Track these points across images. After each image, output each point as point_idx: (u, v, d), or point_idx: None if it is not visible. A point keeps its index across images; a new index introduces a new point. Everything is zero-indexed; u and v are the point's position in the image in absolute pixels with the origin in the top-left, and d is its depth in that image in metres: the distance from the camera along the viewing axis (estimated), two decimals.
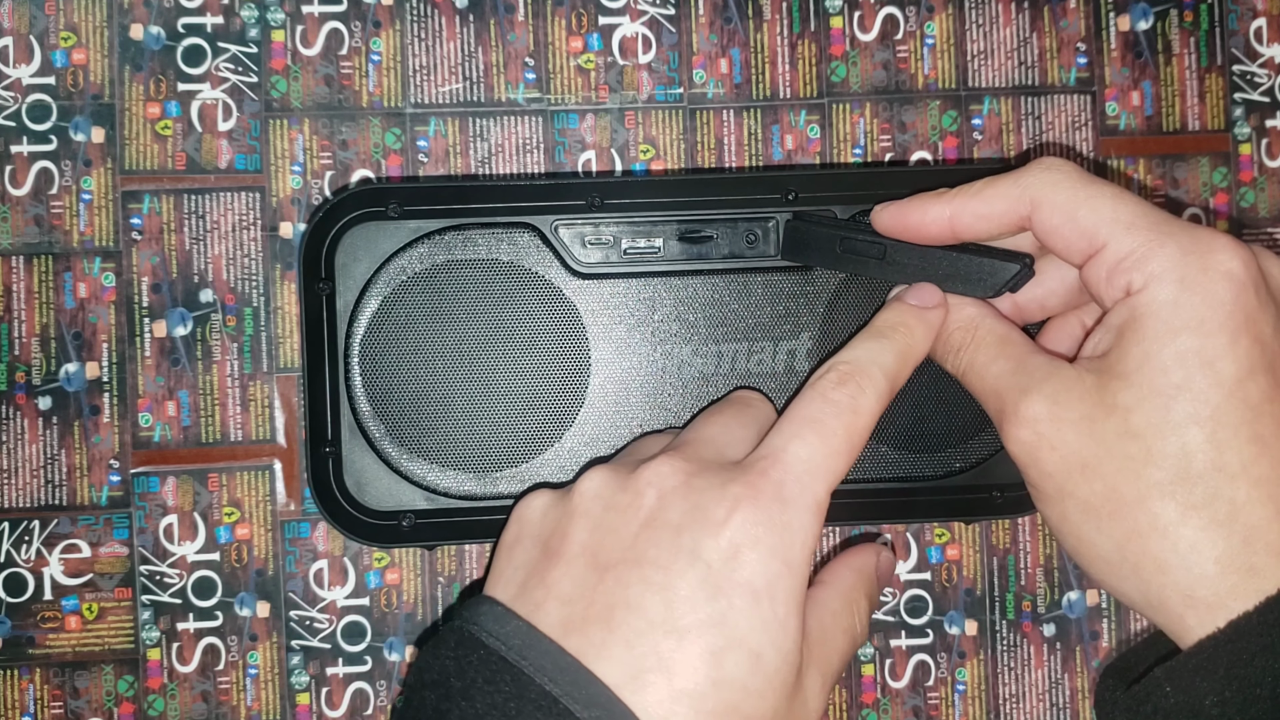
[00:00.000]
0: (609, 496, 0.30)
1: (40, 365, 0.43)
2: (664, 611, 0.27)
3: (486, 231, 0.39)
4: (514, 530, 0.32)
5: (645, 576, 0.28)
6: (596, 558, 0.29)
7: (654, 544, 0.28)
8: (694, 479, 0.29)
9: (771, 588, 0.28)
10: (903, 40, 0.45)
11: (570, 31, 0.45)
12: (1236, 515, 0.27)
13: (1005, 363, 0.32)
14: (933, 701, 0.45)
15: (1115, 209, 0.30)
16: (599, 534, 0.29)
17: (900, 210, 0.34)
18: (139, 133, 0.44)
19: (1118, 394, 0.29)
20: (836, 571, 0.33)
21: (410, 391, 0.38)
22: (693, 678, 0.27)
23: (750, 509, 0.28)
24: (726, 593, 0.28)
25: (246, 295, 0.44)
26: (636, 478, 0.30)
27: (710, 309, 0.39)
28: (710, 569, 0.28)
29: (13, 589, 0.43)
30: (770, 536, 0.28)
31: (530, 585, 0.29)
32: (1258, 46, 0.46)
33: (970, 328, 0.33)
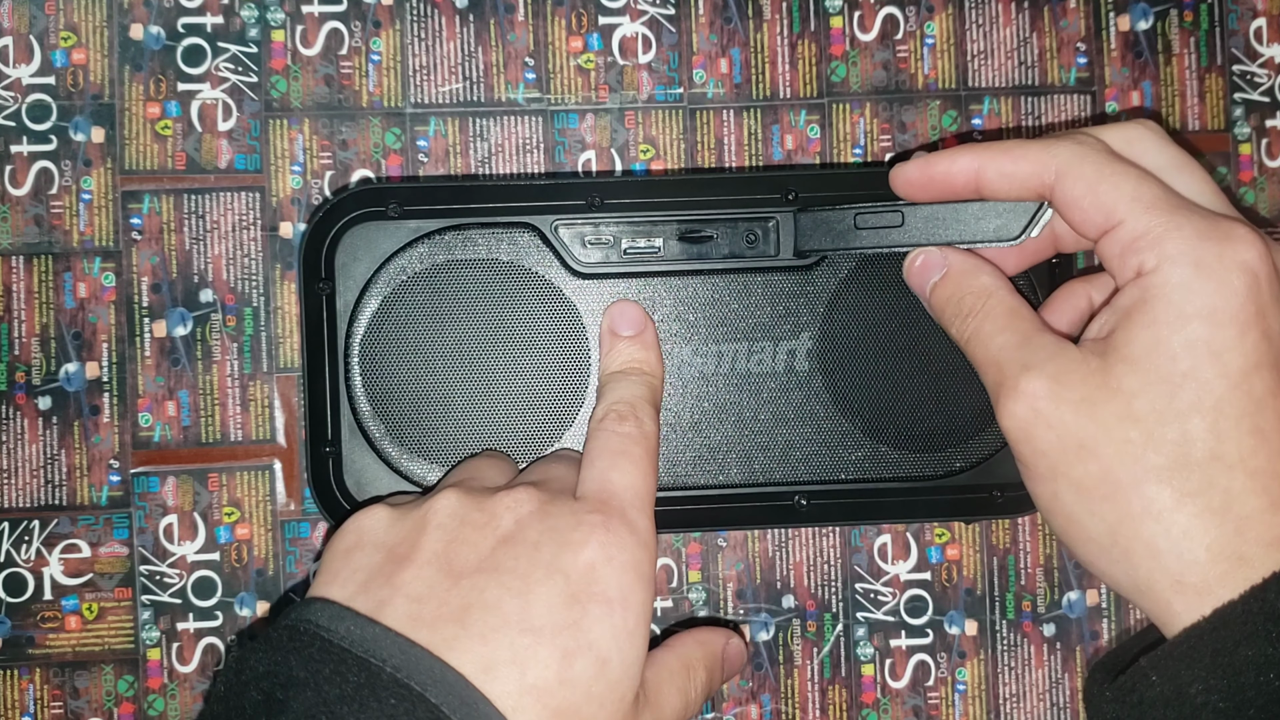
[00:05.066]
0: (465, 514, 0.31)
1: (40, 365, 0.43)
2: (521, 613, 0.28)
3: (486, 231, 0.39)
4: (351, 538, 0.31)
5: (503, 582, 0.29)
6: (450, 565, 0.29)
7: (513, 556, 0.30)
8: (548, 506, 0.31)
9: (625, 599, 0.29)
10: (903, 40, 0.45)
11: (570, 31, 0.45)
12: (1231, 505, 0.28)
13: (1011, 335, 0.32)
14: (933, 701, 0.45)
15: (1137, 188, 0.30)
16: (454, 545, 0.30)
17: (926, 162, 0.34)
18: (139, 133, 0.44)
19: (1123, 378, 0.29)
20: (681, 638, 0.35)
21: (410, 391, 0.38)
22: (543, 674, 0.28)
23: (604, 532, 0.30)
24: (583, 602, 0.29)
25: (246, 295, 0.44)
26: (494, 501, 0.31)
27: (710, 309, 0.39)
28: (569, 580, 0.29)
29: (13, 589, 0.43)
30: (624, 554, 0.30)
31: (373, 585, 0.29)
32: (1258, 46, 0.46)
33: (983, 295, 0.33)
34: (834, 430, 0.39)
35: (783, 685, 0.44)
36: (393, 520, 0.31)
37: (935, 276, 0.35)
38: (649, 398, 0.36)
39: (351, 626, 0.27)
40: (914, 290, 0.36)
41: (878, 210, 0.36)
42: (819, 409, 0.39)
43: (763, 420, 0.39)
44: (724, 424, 0.39)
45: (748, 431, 0.39)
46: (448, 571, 0.29)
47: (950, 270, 0.34)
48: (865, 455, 0.39)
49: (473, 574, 0.29)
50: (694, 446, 0.39)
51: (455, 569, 0.29)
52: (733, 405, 0.39)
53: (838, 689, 0.45)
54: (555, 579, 0.29)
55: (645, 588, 0.30)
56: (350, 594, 0.29)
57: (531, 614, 0.28)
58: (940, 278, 0.34)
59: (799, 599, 0.44)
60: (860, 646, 0.45)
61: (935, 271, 0.35)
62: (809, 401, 0.39)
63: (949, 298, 0.34)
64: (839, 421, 0.39)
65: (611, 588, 0.29)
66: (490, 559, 0.30)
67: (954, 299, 0.34)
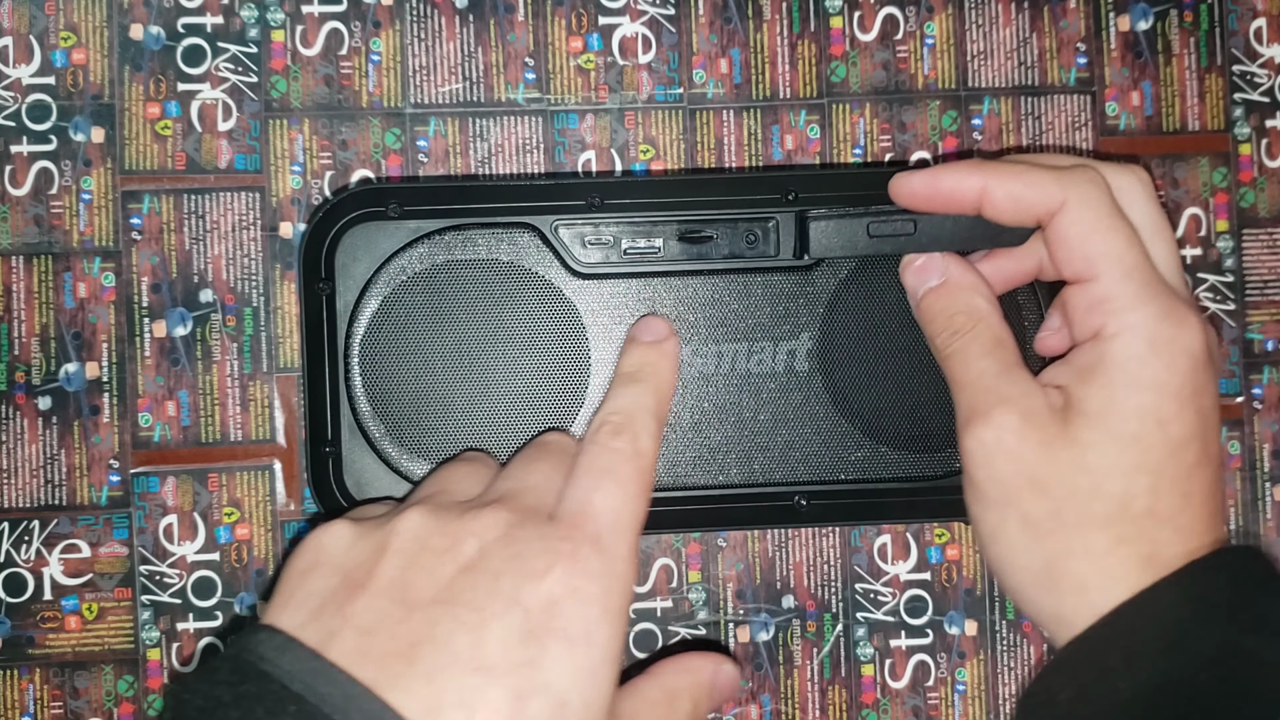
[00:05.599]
0: (427, 538, 0.29)
1: (40, 365, 0.43)
2: (472, 650, 0.27)
3: (486, 231, 0.39)
4: (309, 557, 0.30)
5: (457, 616, 0.27)
6: (405, 594, 0.28)
7: (470, 587, 0.28)
8: (517, 530, 0.29)
9: (589, 635, 0.28)
10: (903, 40, 0.45)
11: (570, 31, 0.45)
12: (1157, 554, 0.31)
13: (993, 363, 0.33)
14: (933, 701, 0.45)
15: (1123, 252, 0.32)
16: (412, 572, 0.29)
17: (933, 176, 0.34)
18: (139, 133, 0.44)
19: (1080, 430, 0.32)
20: (666, 666, 0.33)
21: (410, 391, 0.38)
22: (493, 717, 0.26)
23: (570, 561, 0.29)
24: (541, 638, 0.27)
25: (246, 295, 0.44)
26: (460, 525, 0.30)
27: (710, 309, 0.39)
28: (528, 614, 0.28)
29: (13, 589, 0.43)
30: (590, 586, 0.29)
31: (324, 613, 0.28)
32: (1258, 46, 0.46)
33: (975, 316, 0.34)
34: (834, 430, 0.39)
35: (783, 685, 0.44)
36: (353, 540, 0.30)
37: (932, 282, 0.35)
38: (652, 409, 0.34)
39: (294, 660, 0.26)
40: (906, 288, 0.36)
41: (891, 219, 0.36)
42: (819, 409, 0.39)
43: (762, 420, 0.39)
44: (724, 424, 0.39)
45: (748, 432, 0.39)
46: (402, 601, 0.28)
47: (948, 281, 0.35)
48: (865, 455, 0.39)
49: (427, 606, 0.28)
50: (694, 446, 0.39)
51: (410, 599, 0.28)
52: (733, 405, 0.39)
53: (838, 689, 0.45)
54: (513, 613, 0.28)
55: (612, 622, 0.29)
56: (301, 621, 0.28)
57: (484, 652, 0.27)
58: (936, 285, 0.35)
59: (799, 599, 0.44)
60: (860, 647, 0.45)
61: (933, 277, 0.35)
62: (809, 402, 0.39)
63: (942, 309, 0.35)
64: (839, 422, 0.39)
65: (574, 623, 0.28)
66: (448, 589, 0.28)
67: (946, 312, 0.35)
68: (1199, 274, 0.46)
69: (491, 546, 0.29)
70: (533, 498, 0.31)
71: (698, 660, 0.34)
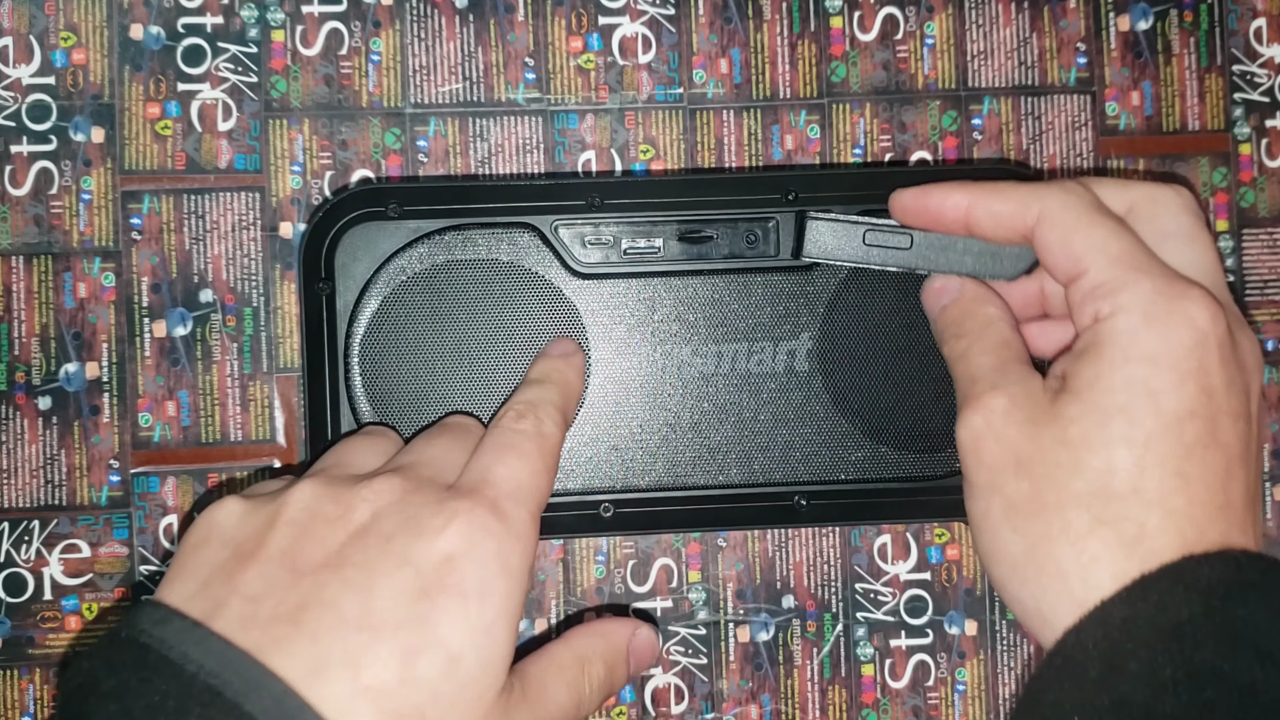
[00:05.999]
0: (318, 507, 0.29)
1: (40, 365, 0.43)
2: (360, 610, 0.27)
3: (486, 231, 0.39)
4: (201, 532, 0.30)
5: (345, 577, 0.28)
6: (295, 561, 0.28)
7: (362, 549, 0.28)
8: (411, 495, 0.30)
9: (483, 591, 0.28)
10: (903, 40, 0.45)
11: (570, 31, 0.45)
12: (1142, 539, 0.28)
13: (992, 359, 0.33)
14: (933, 701, 0.45)
15: (1107, 240, 0.31)
16: (302, 540, 0.29)
17: (922, 193, 0.35)
18: (139, 133, 0.44)
19: (1065, 406, 0.30)
20: (578, 630, 0.33)
21: (410, 391, 0.38)
22: (381, 674, 0.26)
23: (466, 520, 0.29)
24: (432, 595, 0.28)
25: (246, 295, 0.44)
26: (353, 492, 0.30)
27: (710, 309, 0.39)
28: (419, 572, 0.28)
29: (13, 589, 0.43)
30: (488, 542, 0.29)
31: (213, 584, 0.28)
32: (1258, 46, 0.46)
33: (984, 322, 0.34)
34: (834, 430, 0.39)
35: (783, 685, 0.44)
36: (245, 514, 0.30)
37: (947, 300, 0.36)
38: (556, 402, 0.34)
39: (175, 631, 0.26)
40: (926, 311, 0.37)
41: (888, 230, 0.37)
42: (819, 409, 0.39)
43: (762, 420, 0.39)
44: (724, 424, 0.39)
45: (748, 432, 0.39)
46: (291, 569, 0.28)
47: (962, 296, 0.35)
48: (865, 455, 0.39)
49: (316, 570, 0.28)
50: (694, 446, 0.39)
51: (299, 566, 0.28)
52: (733, 405, 0.39)
53: (838, 689, 0.45)
54: (404, 571, 0.28)
55: (510, 579, 0.29)
56: (189, 594, 0.28)
57: (372, 610, 0.27)
58: (951, 301, 0.36)
59: (799, 599, 0.44)
60: (860, 646, 0.45)
61: (949, 295, 0.36)
62: (809, 402, 0.39)
63: (953, 319, 0.35)
64: (839, 422, 0.39)
65: (468, 579, 0.28)
66: (338, 554, 0.28)
67: (957, 320, 0.35)
68: None
69: (385, 510, 0.29)
70: (431, 469, 0.32)
71: (612, 624, 0.33)
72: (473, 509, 0.29)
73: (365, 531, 0.29)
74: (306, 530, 0.29)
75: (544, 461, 0.32)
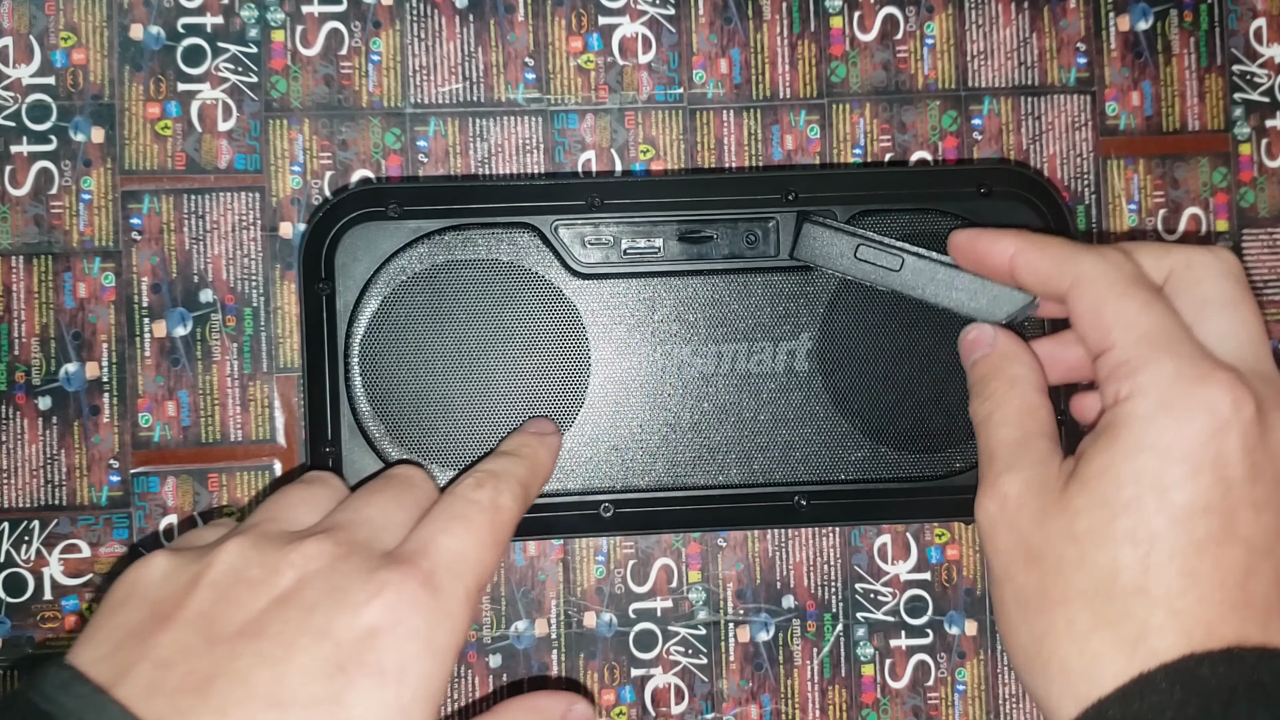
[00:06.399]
0: (243, 569, 0.28)
1: (40, 365, 0.43)
2: (271, 684, 0.26)
3: (486, 231, 0.39)
4: (124, 590, 0.29)
5: (261, 650, 0.26)
6: (212, 627, 0.27)
7: (280, 620, 0.27)
8: (340, 563, 0.29)
9: (403, 671, 0.27)
10: (903, 40, 0.45)
11: (570, 31, 0.45)
12: (1144, 639, 0.27)
13: (1013, 431, 0.32)
14: (933, 701, 0.45)
15: (1137, 316, 0.30)
16: (221, 605, 0.28)
17: (975, 235, 0.35)
18: (139, 133, 0.44)
19: (1074, 496, 0.29)
20: (511, 705, 0.32)
21: (410, 391, 0.38)
22: None
23: (395, 593, 0.28)
24: (349, 671, 0.26)
25: (246, 295, 0.44)
26: (280, 554, 0.29)
27: (710, 309, 0.39)
28: (338, 647, 0.27)
29: (13, 589, 0.43)
30: (414, 619, 0.28)
31: (125, 647, 0.27)
32: (1258, 46, 0.46)
33: (1010, 383, 0.33)
34: (834, 431, 0.39)
35: (783, 685, 0.44)
36: (169, 572, 0.29)
37: (979, 353, 0.35)
38: (520, 477, 0.33)
39: (74, 696, 0.25)
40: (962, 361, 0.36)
41: (881, 248, 0.37)
42: (819, 409, 0.39)
43: (762, 421, 0.39)
44: (724, 424, 0.39)
45: (748, 432, 0.39)
46: (206, 635, 0.27)
47: (994, 351, 0.35)
48: (865, 455, 0.40)
49: (231, 639, 0.27)
50: (694, 446, 0.39)
51: (215, 632, 0.27)
52: (733, 405, 0.39)
53: (838, 689, 0.45)
54: (322, 645, 0.27)
55: (433, 660, 0.27)
56: (100, 655, 0.27)
57: (284, 686, 0.26)
58: (982, 355, 0.35)
59: (799, 599, 0.44)
60: (860, 646, 0.45)
61: (982, 348, 0.35)
62: (809, 402, 0.39)
63: (983, 376, 0.34)
64: (839, 422, 0.39)
65: (388, 657, 0.27)
66: (257, 622, 0.27)
67: (986, 378, 0.34)
68: None
69: (311, 578, 0.28)
70: (365, 531, 0.30)
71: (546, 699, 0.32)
72: (403, 581, 0.28)
73: (287, 599, 0.28)
74: (228, 594, 0.28)
75: (493, 536, 0.31)
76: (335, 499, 0.33)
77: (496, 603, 0.44)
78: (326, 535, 0.29)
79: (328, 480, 0.34)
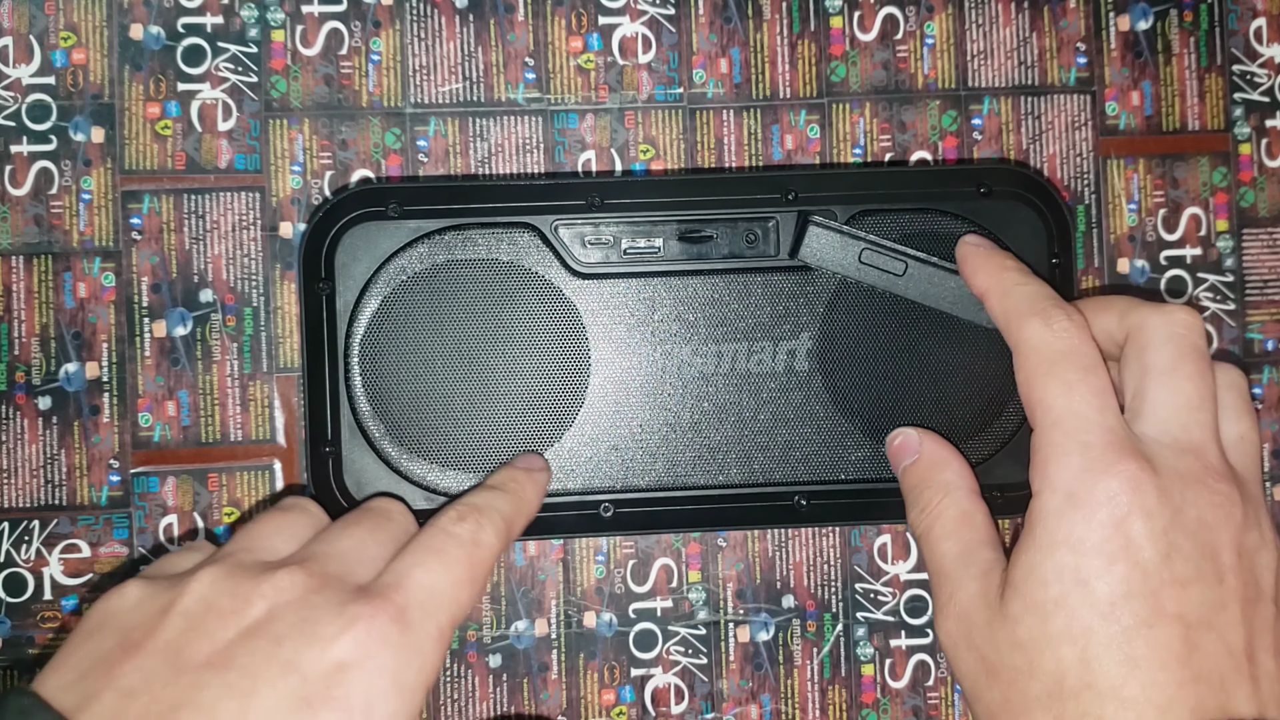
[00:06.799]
0: (214, 599, 0.28)
1: (40, 365, 0.43)
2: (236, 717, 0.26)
3: (486, 231, 0.39)
4: (96, 618, 0.29)
5: (227, 680, 0.26)
6: (179, 657, 0.27)
7: (248, 651, 0.27)
8: (312, 595, 0.28)
9: (369, 707, 0.27)
10: (903, 40, 0.45)
11: (570, 31, 0.45)
12: None
13: (956, 544, 0.33)
14: (933, 701, 0.45)
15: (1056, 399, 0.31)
16: (191, 634, 0.27)
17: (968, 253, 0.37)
18: (139, 133, 0.44)
19: (1010, 602, 0.30)
20: None
21: (410, 391, 0.38)
22: None
23: (365, 628, 0.27)
24: (314, 706, 0.26)
25: (246, 295, 0.44)
26: (252, 585, 0.28)
27: (710, 309, 0.39)
28: (305, 681, 0.26)
29: (13, 589, 0.43)
30: (383, 655, 0.27)
31: (91, 675, 0.27)
32: (1258, 46, 0.46)
33: (942, 491, 0.34)
34: (834, 430, 0.39)
35: (783, 685, 0.44)
36: (141, 600, 0.29)
37: (907, 460, 0.36)
38: (504, 513, 0.33)
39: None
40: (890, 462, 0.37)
41: (885, 252, 0.37)
42: (819, 409, 0.39)
43: (762, 420, 0.39)
44: (724, 424, 0.39)
45: (748, 431, 0.39)
46: (173, 664, 0.27)
47: (920, 458, 0.36)
48: (865, 455, 0.39)
49: (198, 669, 0.26)
50: (694, 446, 0.39)
51: (182, 662, 0.27)
52: (733, 405, 0.39)
53: (838, 689, 0.45)
54: (289, 678, 0.26)
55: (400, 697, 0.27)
56: (65, 684, 0.27)
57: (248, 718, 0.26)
58: (911, 463, 0.36)
59: (799, 599, 0.44)
60: (860, 646, 0.45)
61: (909, 455, 0.36)
62: (809, 401, 0.39)
63: (914, 485, 0.35)
64: (839, 421, 0.39)
65: (355, 693, 0.27)
66: (225, 653, 0.27)
67: (917, 487, 0.35)
68: (1199, 274, 0.46)
69: (282, 610, 0.28)
70: (339, 564, 0.30)
71: None
72: (374, 616, 0.28)
73: (257, 631, 0.27)
74: (198, 623, 0.28)
75: (471, 572, 0.30)
76: (313, 528, 0.33)
77: (496, 603, 0.44)
78: (300, 567, 0.29)
79: (305, 507, 0.34)
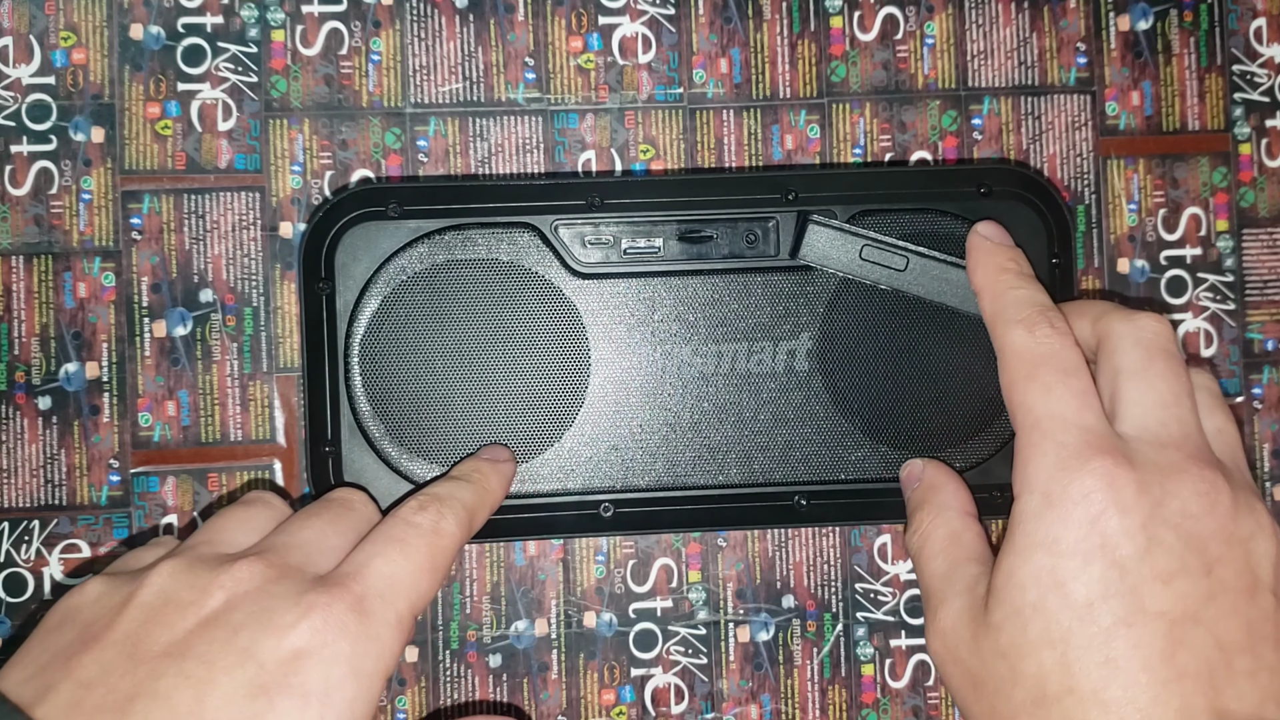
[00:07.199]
0: (173, 590, 0.28)
1: (40, 365, 0.43)
2: (192, 705, 0.26)
3: (486, 231, 0.39)
4: (58, 615, 0.29)
5: (184, 669, 0.26)
6: (137, 648, 0.27)
7: (206, 641, 0.27)
8: (271, 585, 0.28)
9: (327, 694, 0.27)
10: (903, 40, 0.45)
11: (570, 31, 0.45)
12: None
13: (943, 562, 0.33)
14: (933, 701, 0.45)
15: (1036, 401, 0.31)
16: (149, 626, 0.28)
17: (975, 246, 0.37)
18: (139, 133, 0.44)
19: (993, 611, 0.30)
20: None
21: (410, 391, 0.38)
22: None
23: (323, 616, 0.28)
24: (271, 694, 0.26)
25: (246, 295, 0.44)
26: (211, 576, 0.29)
27: (710, 309, 0.39)
28: (262, 669, 0.27)
29: (13, 589, 0.43)
30: (340, 643, 0.27)
31: (50, 668, 0.27)
32: (1258, 46, 0.46)
33: (935, 512, 0.35)
34: (834, 430, 0.39)
35: (783, 685, 0.44)
36: (101, 595, 0.29)
37: (913, 487, 0.37)
38: (466, 503, 0.33)
39: None
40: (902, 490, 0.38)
41: (885, 248, 0.37)
42: (819, 409, 0.39)
43: (762, 420, 0.39)
44: (724, 424, 0.39)
45: (748, 431, 0.39)
46: (130, 655, 0.27)
47: (923, 483, 0.37)
48: (865, 455, 0.40)
49: (156, 659, 0.27)
50: (694, 446, 0.39)
51: (141, 652, 0.27)
52: (732, 405, 0.39)
53: (838, 689, 0.45)
54: (246, 667, 0.26)
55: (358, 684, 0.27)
56: (25, 677, 0.27)
57: (205, 707, 0.26)
58: (915, 489, 0.37)
59: (799, 599, 0.44)
60: (860, 646, 0.45)
61: (914, 482, 0.37)
62: (809, 401, 0.39)
63: (912, 508, 0.36)
64: (839, 421, 0.39)
65: (313, 680, 0.27)
66: (182, 642, 0.27)
67: (915, 511, 0.36)
68: (1199, 274, 0.46)
69: (240, 600, 0.28)
70: (299, 554, 0.30)
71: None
72: (331, 604, 0.28)
73: (214, 621, 0.28)
74: (156, 615, 0.28)
75: (431, 561, 0.31)
76: (274, 520, 0.33)
77: (496, 603, 0.44)
78: (259, 557, 0.29)
79: (268, 501, 0.34)
